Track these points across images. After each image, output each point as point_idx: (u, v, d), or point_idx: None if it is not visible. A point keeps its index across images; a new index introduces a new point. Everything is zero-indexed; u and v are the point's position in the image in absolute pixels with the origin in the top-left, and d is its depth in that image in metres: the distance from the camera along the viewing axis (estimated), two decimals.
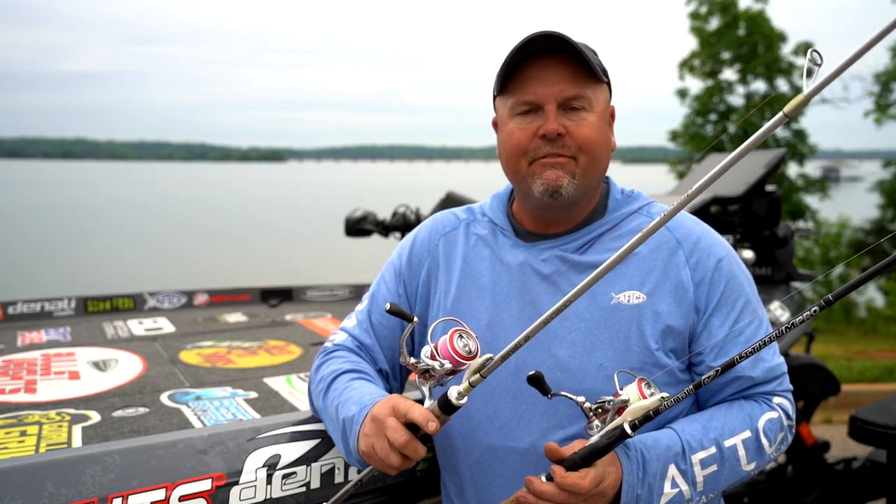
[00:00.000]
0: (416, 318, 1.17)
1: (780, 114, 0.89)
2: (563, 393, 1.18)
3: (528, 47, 1.26)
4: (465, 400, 1.11)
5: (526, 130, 1.29)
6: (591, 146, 1.29)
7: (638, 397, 1.13)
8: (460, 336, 1.15)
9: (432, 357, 1.15)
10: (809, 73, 0.90)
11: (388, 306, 1.18)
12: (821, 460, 3.23)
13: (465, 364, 1.13)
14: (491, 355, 1.10)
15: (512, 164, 1.32)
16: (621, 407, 1.14)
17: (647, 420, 1.11)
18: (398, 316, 1.18)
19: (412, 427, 1.15)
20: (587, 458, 1.12)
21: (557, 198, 1.29)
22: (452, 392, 1.11)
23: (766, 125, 0.91)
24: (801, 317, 1.03)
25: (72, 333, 2.51)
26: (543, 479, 1.14)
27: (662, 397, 1.11)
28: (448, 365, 1.14)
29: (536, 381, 1.15)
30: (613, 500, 1.17)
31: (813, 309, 1.01)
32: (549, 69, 1.27)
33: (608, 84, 1.35)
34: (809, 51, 0.91)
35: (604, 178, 1.38)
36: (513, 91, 1.30)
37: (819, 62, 0.90)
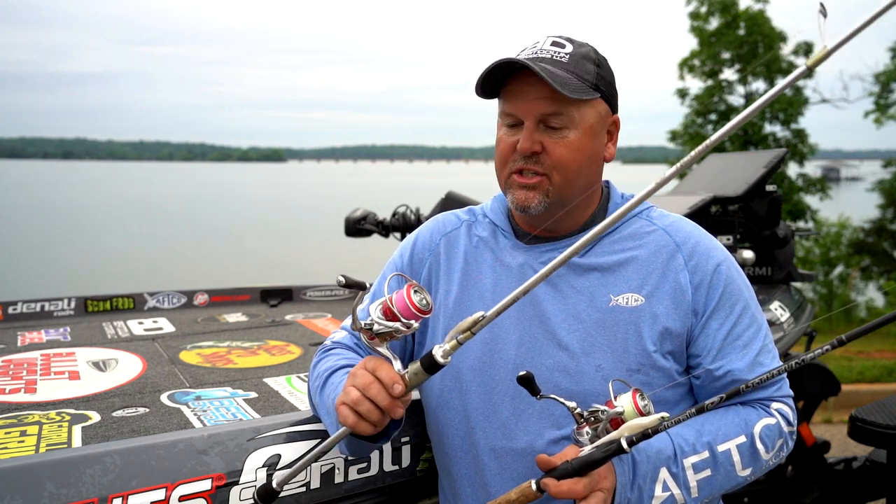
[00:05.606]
0: (368, 284, 1.16)
1: (802, 66, 0.92)
2: (553, 396, 1.18)
3: (509, 66, 1.27)
4: (450, 359, 1.09)
5: (508, 142, 1.33)
6: (565, 165, 1.29)
7: (632, 408, 1.12)
8: (416, 291, 1.12)
9: (387, 312, 1.12)
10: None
11: (340, 279, 1.15)
12: (821, 460, 3.23)
13: (422, 318, 1.12)
14: (483, 313, 1.07)
15: (497, 170, 1.38)
16: (614, 418, 1.13)
17: (645, 438, 1.10)
18: (351, 287, 1.16)
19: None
20: (581, 469, 1.12)
21: (527, 213, 1.33)
22: (437, 351, 1.09)
23: (789, 77, 0.93)
24: (811, 353, 1.11)
25: (72, 333, 2.51)
26: (533, 486, 1.14)
27: (662, 417, 1.10)
28: (415, 324, 1.11)
29: (526, 382, 1.15)
30: None
31: (825, 347, 1.10)
32: (529, 85, 1.28)
33: (607, 95, 1.33)
34: (820, 3, 0.93)
35: (586, 189, 1.36)
36: (501, 100, 1.34)
37: (825, 13, 0.92)
